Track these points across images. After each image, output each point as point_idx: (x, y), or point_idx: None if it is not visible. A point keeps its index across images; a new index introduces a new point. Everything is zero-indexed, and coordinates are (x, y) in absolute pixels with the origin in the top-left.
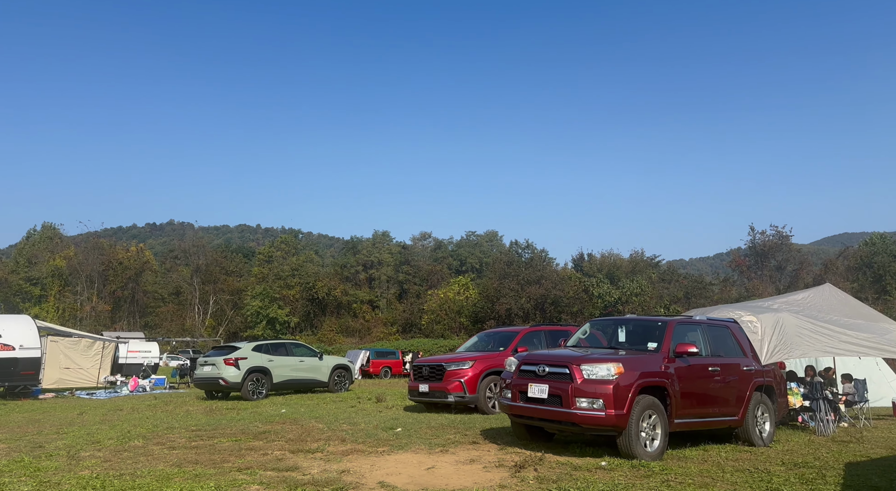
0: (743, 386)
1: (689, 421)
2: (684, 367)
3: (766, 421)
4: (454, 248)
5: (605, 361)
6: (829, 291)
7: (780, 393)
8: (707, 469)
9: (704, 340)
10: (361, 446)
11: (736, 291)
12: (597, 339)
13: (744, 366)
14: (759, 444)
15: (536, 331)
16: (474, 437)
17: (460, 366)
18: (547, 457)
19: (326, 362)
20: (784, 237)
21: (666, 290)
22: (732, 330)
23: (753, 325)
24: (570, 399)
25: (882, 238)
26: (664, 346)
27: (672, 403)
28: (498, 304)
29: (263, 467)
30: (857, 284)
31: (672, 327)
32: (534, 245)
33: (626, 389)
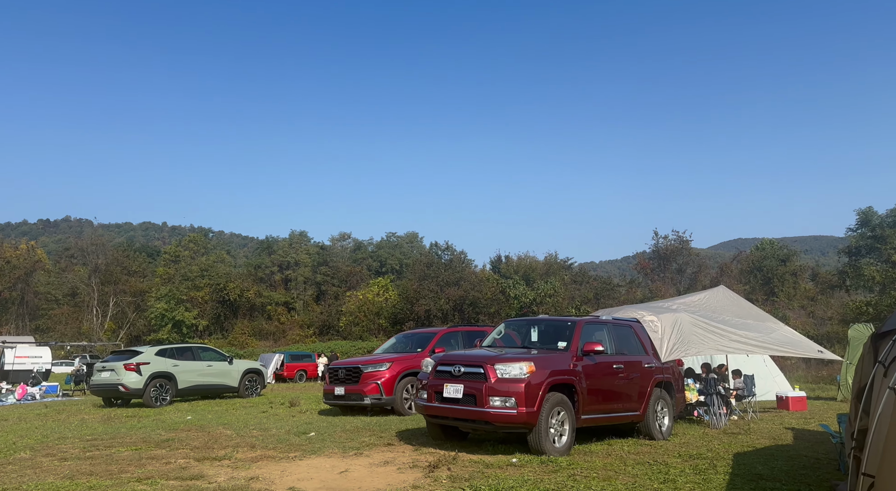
0: (644, 382)
1: (595, 417)
2: (591, 365)
3: (665, 415)
4: (374, 249)
5: (517, 361)
6: (723, 293)
7: (678, 389)
8: (610, 463)
9: (610, 339)
10: (272, 452)
11: (641, 292)
12: (511, 339)
13: (645, 363)
14: (659, 437)
15: (454, 332)
16: (390, 439)
17: (377, 368)
18: (460, 456)
19: (236, 367)
20: (684, 242)
21: (577, 291)
22: (635, 329)
23: (654, 324)
24: (484, 398)
25: (771, 244)
26: (573, 345)
27: (580, 399)
28: (417, 305)
29: (165, 477)
30: (749, 286)
31: (580, 327)
32: (453, 247)
33: (537, 388)
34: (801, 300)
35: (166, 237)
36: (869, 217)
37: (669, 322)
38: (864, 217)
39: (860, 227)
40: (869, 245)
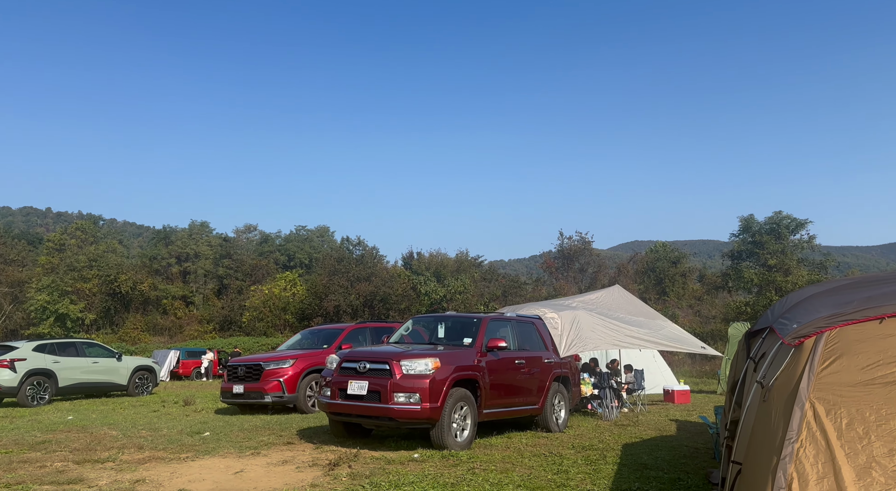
0: (544, 377)
1: (496, 411)
2: (494, 360)
3: (561, 409)
4: (282, 242)
5: (423, 357)
6: (618, 292)
7: (575, 383)
8: (509, 455)
9: (513, 335)
10: (161, 453)
11: (546, 290)
12: (419, 335)
13: (545, 359)
14: (555, 429)
15: (362, 328)
16: (290, 437)
17: (280, 365)
18: (362, 453)
19: (126, 363)
20: (587, 242)
21: (487, 288)
22: (537, 326)
23: (555, 321)
24: (389, 394)
25: (664, 246)
26: (478, 341)
27: (482, 394)
28: (326, 300)
29: (39, 481)
30: (643, 286)
31: (486, 324)
32: (365, 242)
33: (442, 383)
34: (689, 300)
35: (50, 224)
36: (750, 224)
37: (569, 319)
38: (746, 224)
39: (742, 233)
40: (749, 250)
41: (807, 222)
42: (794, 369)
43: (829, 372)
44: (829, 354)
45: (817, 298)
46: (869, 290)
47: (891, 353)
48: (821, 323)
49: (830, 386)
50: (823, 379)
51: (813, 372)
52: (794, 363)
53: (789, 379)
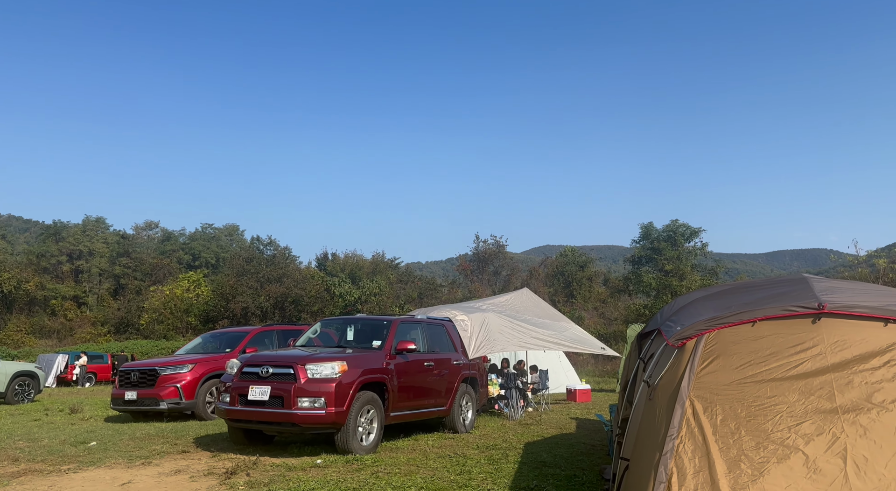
0: (452, 379)
1: (404, 413)
2: (403, 363)
3: (469, 409)
4: (187, 240)
5: (330, 360)
6: (526, 295)
7: (482, 384)
8: (414, 458)
9: (423, 337)
10: (40, 466)
11: (461, 292)
12: (328, 337)
13: (454, 360)
14: (462, 430)
15: (268, 331)
16: (185, 446)
17: (177, 370)
18: (262, 460)
19: (4, 368)
20: (501, 246)
21: (403, 290)
22: (447, 328)
23: (465, 323)
24: (293, 399)
25: (573, 251)
26: (387, 343)
27: (390, 397)
28: (234, 302)
29: None
30: (553, 289)
31: (396, 326)
32: (277, 242)
33: (348, 387)
34: (594, 302)
35: None
36: (649, 231)
37: (478, 321)
38: (646, 231)
39: (642, 240)
40: (648, 256)
41: (700, 231)
42: (676, 369)
43: (707, 372)
44: (708, 355)
45: (700, 303)
46: (745, 295)
47: (761, 354)
48: (701, 326)
49: (708, 385)
50: (702, 378)
51: (693, 372)
52: (677, 364)
53: (672, 379)
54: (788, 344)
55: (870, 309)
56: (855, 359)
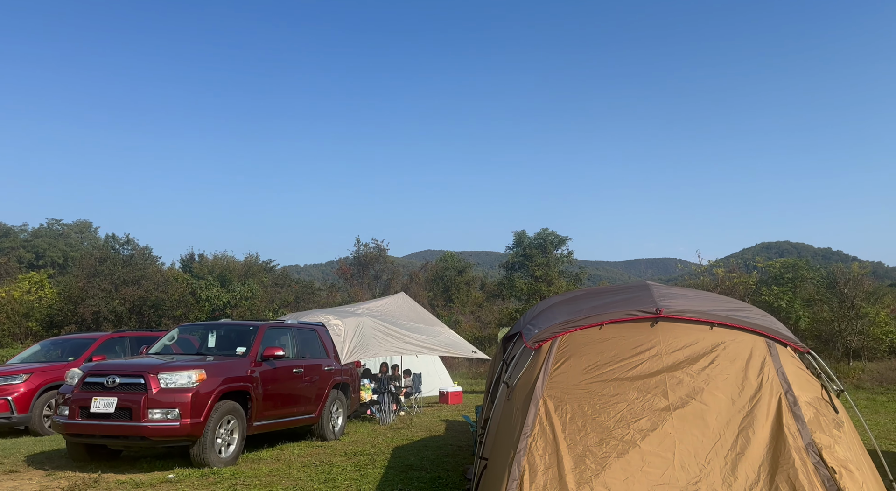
0: (322, 385)
1: (270, 422)
2: (270, 370)
3: (339, 416)
4: (29, 237)
5: (186, 369)
6: (402, 299)
7: (354, 389)
8: (277, 468)
9: (293, 342)
10: None
11: (341, 296)
12: (189, 344)
13: (325, 366)
14: (331, 437)
15: (119, 337)
16: (14, 464)
17: (9, 380)
18: (105, 477)
19: None
20: (382, 250)
21: (278, 294)
22: (319, 333)
23: (338, 328)
24: (143, 411)
25: (452, 256)
26: (253, 350)
27: (254, 406)
28: (83, 306)
29: None
30: (433, 293)
31: (262, 332)
32: (136, 241)
33: (206, 397)
34: (471, 306)
35: None
36: (522, 238)
37: (352, 326)
38: (519, 238)
39: (516, 246)
40: (521, 262)
41: (567, 239)
42: (532, 370)
43: (559, 372)
44: (561, 356)
45: (556, 307)
46: (595, 300)
47: (606, 354)
48: (556, 329)
49: (560, 384)
50: (555, 378)
51: (547, 373)
52: (534, 365)
53: (529, 379)
54: (630, 345)
55: (699, 313)
56: (686, 360)
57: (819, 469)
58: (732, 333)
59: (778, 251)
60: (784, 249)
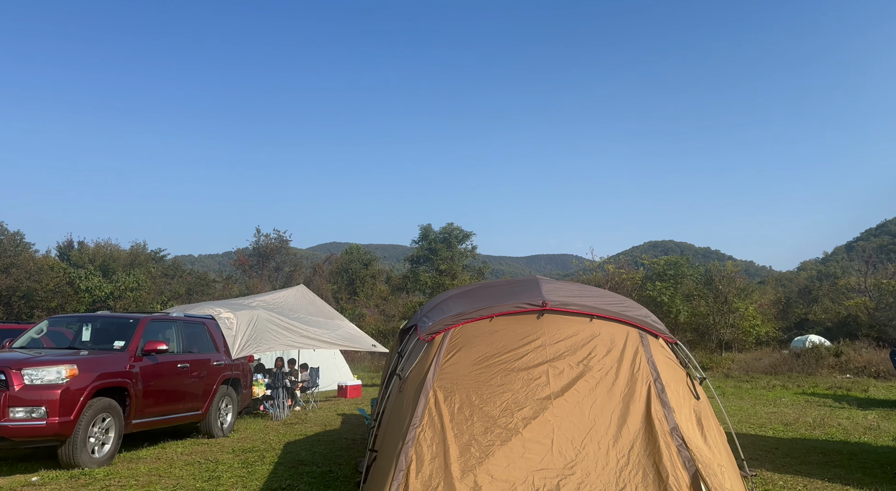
0: (211, 380)
1: (151, 420)
2: (152, 365)
3: (228, 412)
4: None
5: (54, 364)
6: (302, 292)
7: (246, 385)
8: (157, 467)
9: (179, 336)
10: None
11: (238, 288)
12: (63, 337)
13: (214, 361)
14: (219, 435)
15: None
16: None
17: None
18: None
19: None
20: (284, 241)
21: (168, 285)
22: (209, 326)
23: (230, 321)
24: (3, 409)
25: (358, 249)
26: (132, 344)
27: (133, 403)
28: None
29: None
30: (337, 286)
31: (144, 325)
32: (6, 226)
33: (78, 394)
34: (376, 300)
35: None
36: (428, 232)
37: (246, 319)
38: (425, 232)
39: (421, 240)
40: (426, 256)
41: (471, 234)
42: (424, 362)
43: (450, 363)
44: (452, 347)
45: (451, 300)
46: (488, 294)
47: (496, 346)
48: (448, 321)
49: (450, 375)
50: (445, 369)
51: (438, 364)
52: (426, 357)
53: (420, 371)
54: (518, 337)
55: (580, 306)
56: (567, 350)
57: (681, 451)
58: (610, 324)
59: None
60: (669, 247)
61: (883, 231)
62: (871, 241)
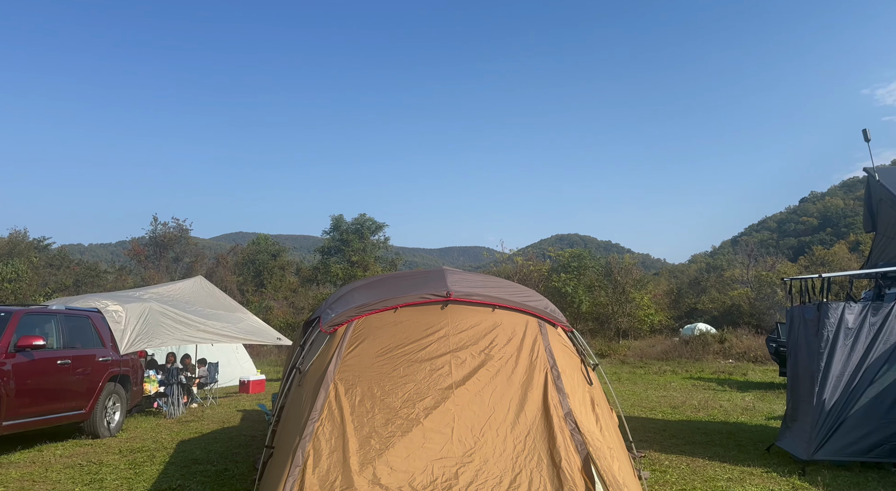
0: (96, 378)
1: (26, 421)
2: (26, 362)
3: (116, 411)
4: None
5: None
6: (200, 283)
7: (136, 381)
8: (32, 472)
9: (59, 331)
10: None
11: (132, 280)
12: None
13: (100, 357)
14: (106, 435)
15: None
16: None
17: None
18: None
19: None
20: (184, 230)
21: (53, 276)
22: (94, 320)
23: (118, 314)
24: None
25: (265, 239)
26: (4, 340)
27: (4, 403)
28: None
29: None
30: (242, 278)
31: (17, 319)
32: None
33: None
34: (285, 292)
35: None
36: (340, 223)
37: (136, 312)
38: (336, 223)
39: (333, 231)
40: (338, 247)
41: (384, 225)
42: (326, 354)
43: (352, 355)
44: (355, 339)
45: (357, 291)
46: (394, 284)
47: (399, 337)
48: (352, 313)
49: (352, 367)
50: (347, 362)
51: (340, 356)
52: (327, 349)
53: (322, 363)
54: (422, 327)
55: (484, 297)
56: (470, 340)
57: (574, 435)
58: (511, 314)
59: (569, 242)
60: (574, 240)
61: (763, 227)
62: (753, 236)
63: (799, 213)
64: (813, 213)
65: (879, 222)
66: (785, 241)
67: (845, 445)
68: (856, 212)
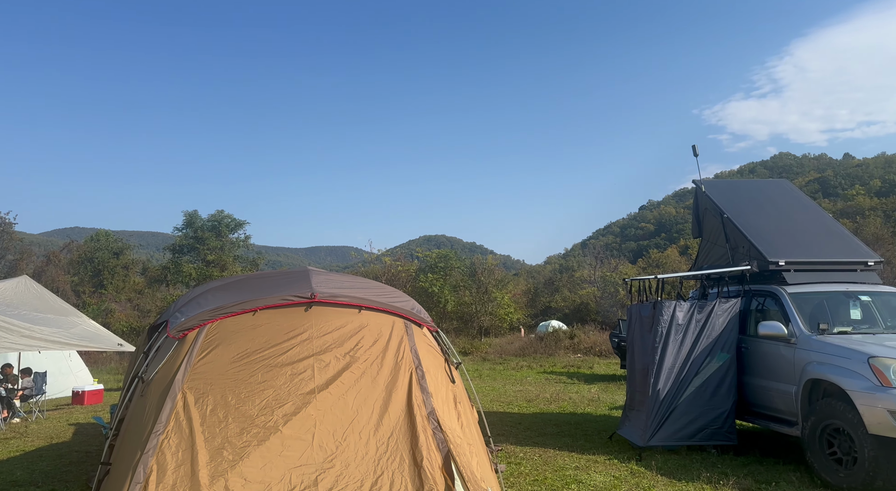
0: None
1: None
2: None
3: None
4: None
5: None
6: (25, 284)
7: None
8: None
9: None
10: None
11: None
12: None
13: None
14: None
15: None
16: None
17: None
18: None
19: None
20: (7, 224)
21: None
22: None
23: None
24: None
25: (106, 235)
26: None
27: None
28: None
29: None
30: (78, 277)
31: None
32: None
33: None
34: (129, 293)
35: None
36: (194, 219)
37: None
38: (190, 219)
39: (186, 228)
40: (191, 245)
41: (244, 223)
42: (174, 362)
43: (204, 362)
44: (208, 344)
45: (211, 293)
46: (253, 285)
47: (258, 341)
48: (205, 316)
49: (204, 375)
50: (199, 369)
51: (190, 363)
52: (175, 356)
53: (168, 372)
54: (283, 331)
55: (349, 298)
56: (334, 342)
57: (436, 433)
58: (377, 315)
59: (436, 243)
60: (441, 241)
61: (608, 231)
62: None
63: (638, 220)
64: (650, 219)
65: (705, 229)
66: (626, 245)
67: (675, 431)
68: (686, 219)
